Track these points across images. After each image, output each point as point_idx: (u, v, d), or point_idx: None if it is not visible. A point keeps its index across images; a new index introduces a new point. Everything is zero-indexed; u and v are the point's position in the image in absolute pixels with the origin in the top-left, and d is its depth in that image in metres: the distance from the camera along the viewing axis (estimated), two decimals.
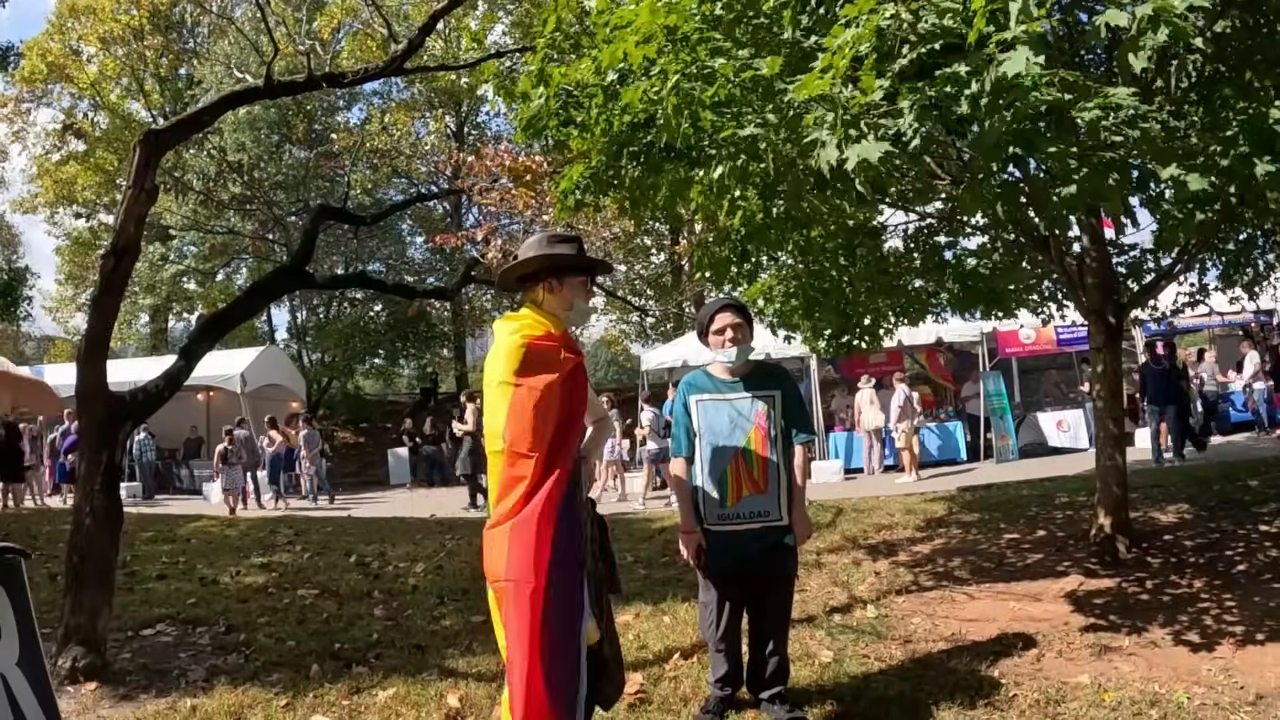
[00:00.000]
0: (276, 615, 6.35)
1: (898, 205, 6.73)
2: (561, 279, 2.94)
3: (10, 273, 15.85)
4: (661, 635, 5.30)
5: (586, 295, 3.03)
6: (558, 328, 2.92)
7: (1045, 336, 14.96)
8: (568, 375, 2.80)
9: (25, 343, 38.73)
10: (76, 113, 28.80)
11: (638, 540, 9.29)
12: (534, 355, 2.79)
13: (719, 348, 3.75)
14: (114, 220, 5.23)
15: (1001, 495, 10.14)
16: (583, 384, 2.90)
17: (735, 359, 3.73)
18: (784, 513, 3.71)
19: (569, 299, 2.96)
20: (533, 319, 2.91)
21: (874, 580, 6.48)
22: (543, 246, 2.99)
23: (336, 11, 27.03)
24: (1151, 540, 6.75)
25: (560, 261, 2.93)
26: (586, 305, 3.04)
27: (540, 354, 2.80)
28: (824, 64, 3.09)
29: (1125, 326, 6.99)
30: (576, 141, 5.11)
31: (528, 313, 2.95)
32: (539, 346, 2.81)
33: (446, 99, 29.14)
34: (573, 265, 2.96)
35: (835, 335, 7.35)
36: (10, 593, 1.67)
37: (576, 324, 3.05)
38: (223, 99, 5.66)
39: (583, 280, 3.01)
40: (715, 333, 3.74)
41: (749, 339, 3.78)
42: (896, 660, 4.58)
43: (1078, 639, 4.74)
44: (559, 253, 2.95)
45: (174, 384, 5.76)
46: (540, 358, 2.79)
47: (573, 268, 2.96)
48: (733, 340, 3.70)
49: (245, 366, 19.34)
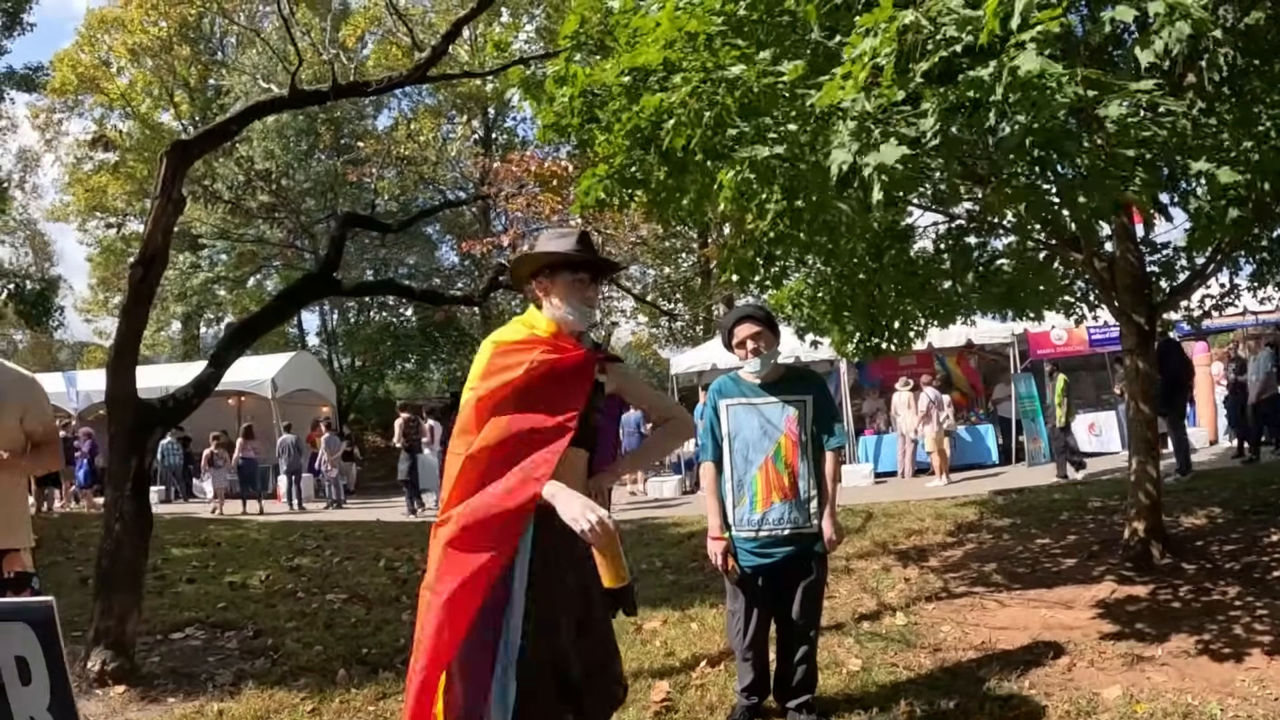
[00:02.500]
0: (305, 620, 6.40)
1: (927, 207, 6.66)
2: (553, 277, 2.76)
3: (43, 282, 16.08)
4: (689, 642, 5.28)
5: (583, 294, 2.76)
6: (551, 329, 2.73)
7: (1077, 337, 14.75)
8: (539, 375, 2.60)
9: (60, 349, 39.42)
10: (107, 123, 29.22)
11: (667, 545, 9.27)
12: (498, 358, 2.66)
13: (744, 359, 3.73)
14: (142, 230, 5.28)
15: (1033, 499, 10.03)
16: (571, 385, 2.66)
17: (760, 369, 3.71)
18: (814, 520, 3.67)
19: (563, 297, 2.75)
20: (521, 322, 2.80)
21: (903, 587, 6.41)
22: (542, 244, 2.87)
23: (361, 20, 27.25)
24: (1184, 545, 6.62)
25: (551, 259, 2.77)
26: (581, 304, 2.75)
27: (505, 355, 2.65)
28: (844, 71, 3.05)
29: (1158, 328, 6.87)
30: (602, 145, 5.08)
31: (527, 314, 2.84)
32: (507, 349, 2.67)
33: (474, 104, 29.28)
34: (564, 263, 2.76)
35: (864, 339, 7.27)
36: (41, 637, 1.67)
37: (578, 325, 2.76)
38: (248, 109, 5.71)
39: (576, 278, 2.75)
40: (738, 345, 3.73)
41: (773, 345, 3.74)
42: (925, 669, 4.52)
43: (1109, 648, 4.65)
44: (549, 250, 2.80)
45: (203, 391, 5.81)
46: (503, 360, 2.64)
47: (565, 265, 2.76)
48: (754, 351, 3.67)
49: (276, 371, 19.52)
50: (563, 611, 2.58)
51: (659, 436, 3.11)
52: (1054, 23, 2.88)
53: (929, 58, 2.99)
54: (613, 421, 2.98)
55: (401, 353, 29.02)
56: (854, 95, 3.05)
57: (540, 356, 2.63)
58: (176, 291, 28.01)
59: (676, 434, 3.08)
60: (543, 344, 2.68)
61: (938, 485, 13.09)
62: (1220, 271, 7.21)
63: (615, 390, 2.89)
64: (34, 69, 16.32)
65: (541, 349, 2.66)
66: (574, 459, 2.68)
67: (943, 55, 2.96)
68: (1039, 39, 2.85)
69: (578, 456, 2.71)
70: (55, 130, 30.99)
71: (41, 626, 1.65)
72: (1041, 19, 2.88)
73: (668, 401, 3.19)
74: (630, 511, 13.27)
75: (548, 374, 2.62)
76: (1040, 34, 2.86)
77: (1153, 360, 6.58)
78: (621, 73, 4.49)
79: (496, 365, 2.64)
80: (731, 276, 6.54)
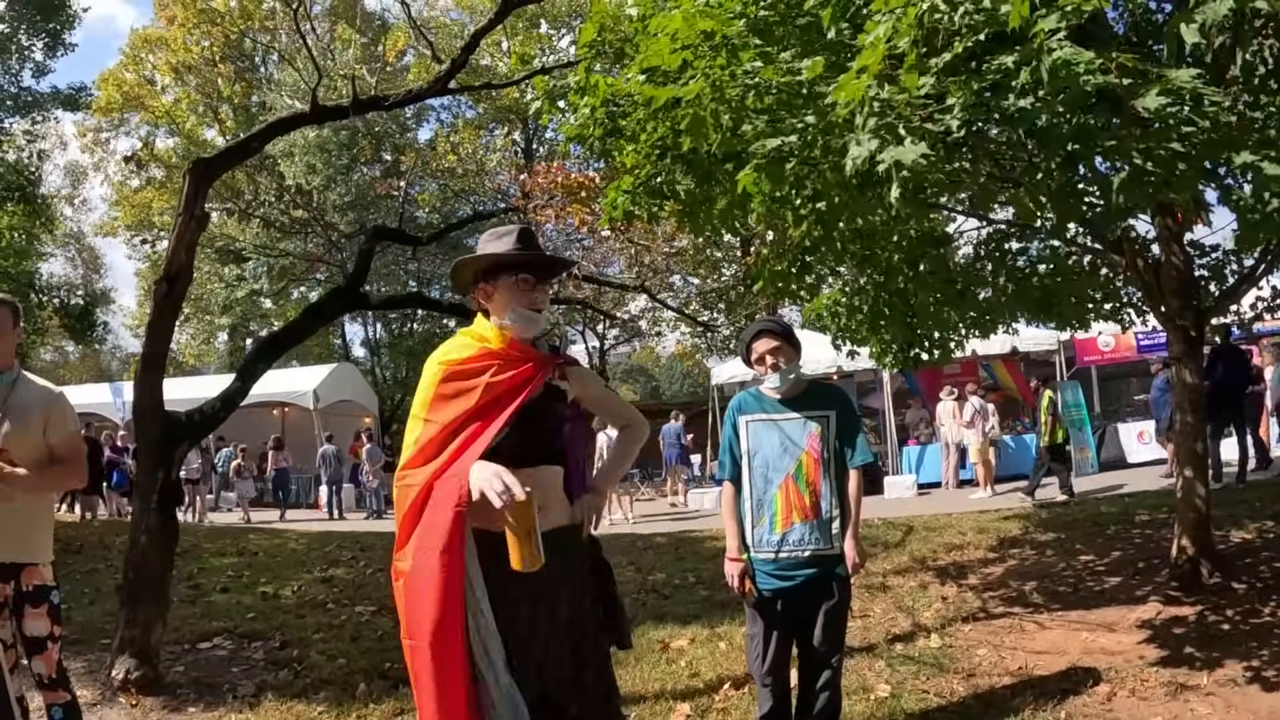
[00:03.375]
0: (331, 631, 6.39)
1: (964, 211, 6.47)
2: (494, 281, 2.54)
3: (87, 297, 16.47)
4: (715, 663, 5.15)
5: (528, 297, 2.52)
6: (501, 340, 2.52)
7: (1125, 343, 14.38)
8: (489, 399, 2.43)
9: (110, 360, 40.41)
10: (153, 140, 29.89)
11: (701, 559, 9.12)
12: (448, 385, 2.47)
13: (761, 375, 3.60)
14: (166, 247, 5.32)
15: (1079, 512, 9.72)
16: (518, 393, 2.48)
17: (780, 384, 3.57)
18: (836, 541, 3.53)
19: (504, 303, 2.52)
20: (469, 336, 2.58)
21: (940, 606, 6.21)
22: (480, 246, 2.64)
23: (401, 35, 27.58)
24: (1234, 563, 6.32)
25: (487, 262, 2.55)
26: (525, 309, 2.52)
27: (456, 380, 2.47)
28: (859, 64, 2.92)
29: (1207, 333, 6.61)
30: (629, 156, 5.00)
31: (475, 324, 2.63)
32: (457, 372, 2.48)
33: (514, 116, 29.47)
34: (505, 264, 2.53)
35: (902, 349, 7.10)
36: None
37: (525, 332, 2.54)
38: (270, 125, 5.72)
39: (517, 280, 2.51)
40: (756, 362, 3.59)
41: (793, 360, 3.60)
42: (958, 696, 4.34)
43: (1152, 675, 4.42)
44: (485, 252, 2.57)
45: (230, 404, 5.84)
46: (455, 386, 2.46)
47: (505, 266, 2.53)
48: (773, 366, 3.54)
49: (318, 383, 19.81)
50: (549, 649, 2.44)
51: (623, 444, 2.95)
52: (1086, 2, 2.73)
53: (952, 48, 2.85)
54: (582, 433, 2.81)
55: None
56: (869, 83, 2.91)
57: (492, 379, 2.46)
58: (221, 304, 28.54)
59: (634, 440, 2.93)
60: (495, 358, 2.50)
61: (982, 497, 12.78)
62: (1271, 273, 6.91)
63: (576, 396, 2.71)
64: (77, 89, 16.69)
65: (495, 366, 2.48)
66: (548, 477, 2.54)
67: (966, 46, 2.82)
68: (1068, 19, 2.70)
69: (552, 474, 2.57)
70: (103, 149, 31.83)
71: None
72: (1070, 1, 2.73)
73: (624, 406, 3.02)
74: (668, 523, 13.15)
75: (500, 396, 2.46)
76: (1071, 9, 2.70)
77: (1201, 369, 6.31)
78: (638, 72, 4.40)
79: (448, 391, 2.47)
80: (766, 286, 6.43)
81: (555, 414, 2.59)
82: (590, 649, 2.57)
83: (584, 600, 2.57)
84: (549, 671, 2.43)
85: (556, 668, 2.44)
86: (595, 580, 2.67)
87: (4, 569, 3.31)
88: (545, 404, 2.56)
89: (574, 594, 2.54)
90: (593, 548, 2.72)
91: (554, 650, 2.45)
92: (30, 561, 3.36)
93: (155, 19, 29.89)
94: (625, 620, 2.76)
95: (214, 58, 29.01)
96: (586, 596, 2.59)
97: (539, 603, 2.45)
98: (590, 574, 2.65)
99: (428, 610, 2.30)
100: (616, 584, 2.78)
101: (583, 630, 2.55)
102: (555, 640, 2.46)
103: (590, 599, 2.60)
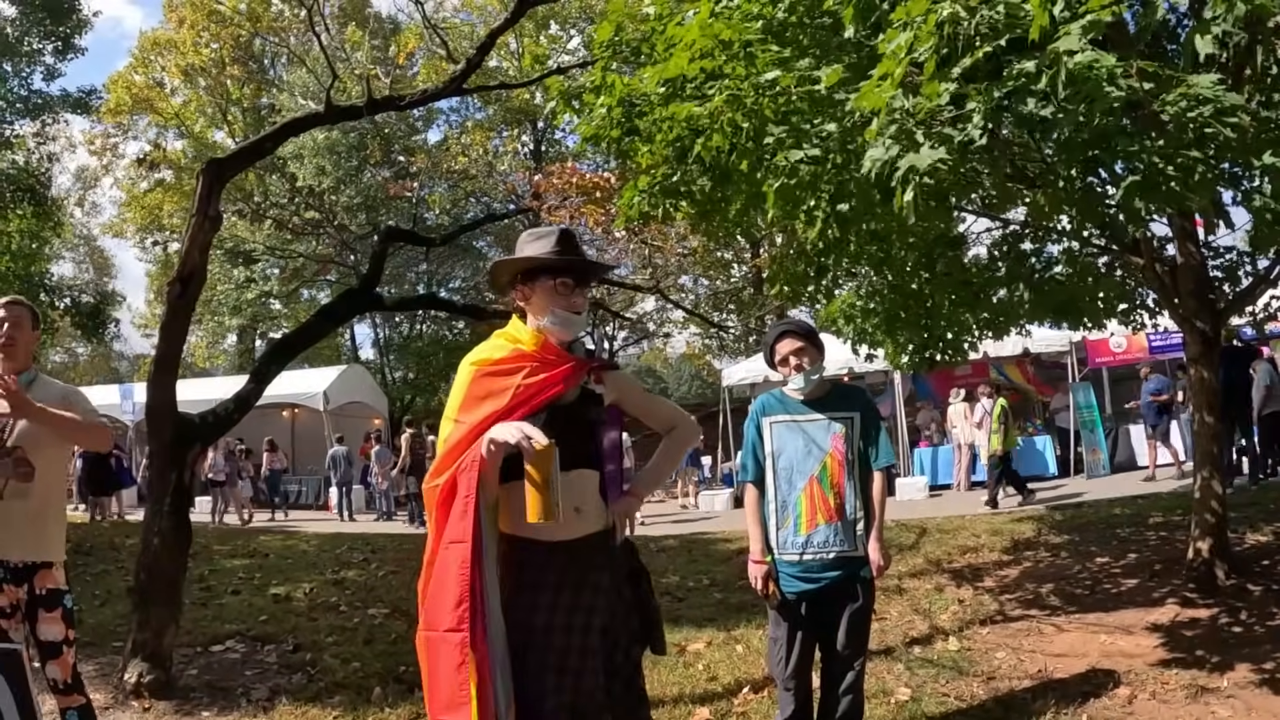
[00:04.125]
0: (345, 635, 6.37)
1: (979, 212, 6.43)
2: (531, 284, 2.52)
3: (98, 296, 16.51)
4: (732, 666, 5.13)
5: (566, 300, 2.50)
6: (535, 342, 2.49)
7: (1137, 345, 14.31)
8: (520, 402, 2.40)
9: (119, 361, 40.54)
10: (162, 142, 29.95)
11: (715, 562, 9.10)
12: (480, 385, 2.44)
13: (785, 376, 3.57)
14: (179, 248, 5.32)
15: (1093, 514, 9.68)
16: None
17: (804, 386, 3.54)
18: (859, 544, 3.49)
19: (543, 305, 2.50)
20: (504, 337, 2.57)
21: (957, 609, 6.18)
22: (519, 247, 2.61)
23: (411, 37, 27.60)
24: (1250, 565, 6.29)
25: (526, 264, 2.53)
26: (564, 312, 2.49)
27: (488, 382, 2.44)
28: (881, 71, 2.89)
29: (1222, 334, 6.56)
30: (644, 156, 4.98)
31: (510, 326, 2.61)
32: (490, 373, 2.46)
33: (523, 118, 29.47)
34: (542, 267, 2.51)
35: (917, 351, 7.06)
36: (11, 684, 1.60)
37: (564, 334, 2.52)
38: (284, 126, 5.72)
39: (556, 283, 2.49)
40: (780, 362, 3.56)
41: (817, 361, 3.57)
42: (978, 699, 4.32)
43: (1172, 678, 4.41)
44: (524, 254, 2.55)
45: (244, 406, 5.83)
46: (485, 387, 2.43)
47: (544, 269, 2.51)
48: (796, 368, 3.51)
49: (328, 385, 19.80)
50: (585, 660, 2.40)
51: (668, 447, 2.88)
52: (1104, 11, 2.69)
53: (972, 53, 2.81)
54: (617, 439, 2.75)
55: (454, 365, 29.16)
56: (892, 93, 2.88)
57: (525, 380, 2.43)
58: (231, 305, 28.58)
59: (683, 441, 2.87)
60: (529, 359, 2.47)
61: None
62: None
63: (614, 402, 2.67)
64: (87, 92, 16.70)
65: (528, 368, 2.45)
66: (582, 480, 2.49)
67: (986, 51, 2.78)
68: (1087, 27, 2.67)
69: (586, 478, 2.51)
70: (112, 154, 31.93)
71: (10, 671, 1.57)
72: (1091, 7, 2.70)
73: (670, 408, 2.96)
74: (678, 526, 13.11)
75: (531, 397, 2.42)
76: (1090, 23, 2.67)
77: (1216, 369, 6.26)
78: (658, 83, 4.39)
79: (480, 391, 2.44)
80: (782, 289, 6.39)
81: (589, 417, 2.55)
82: (621, 659, 2.53)
83: (617, 609, 2.53)
84: (586, 682, 2.39)
85: (591, 679, 2.40)
86: (631, 588, 2.61)
87: (18, 571, 3.31)
88: (579, 407, 2.52)
89: (608, 602, 2.49)
90: (629, 554, 2.66)
91: (590, 662, 2.41)
92: (45, 561, 3.37)
93: (164, 21, 30.03)
94: (660, 628, 2.70)
95: (223, 60, 29.07)
96: (621, 605, 2.54)
97: (574, 612, 2.42)
98: (625, 581, 2.60)
99: (446, 601, 2.28)
100: (654, 591, 2.73)
101: (615, 640, 2.51)
102: (590, 651, 2.42)
103: (625, 607, 2.56)
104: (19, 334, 3.47)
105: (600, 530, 2.53)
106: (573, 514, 2.39)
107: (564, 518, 2.28)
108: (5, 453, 3.32)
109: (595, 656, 2.42)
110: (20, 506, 3.31)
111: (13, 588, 3.30)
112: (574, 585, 2.39)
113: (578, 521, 2.42)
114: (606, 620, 2.48)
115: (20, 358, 3.48)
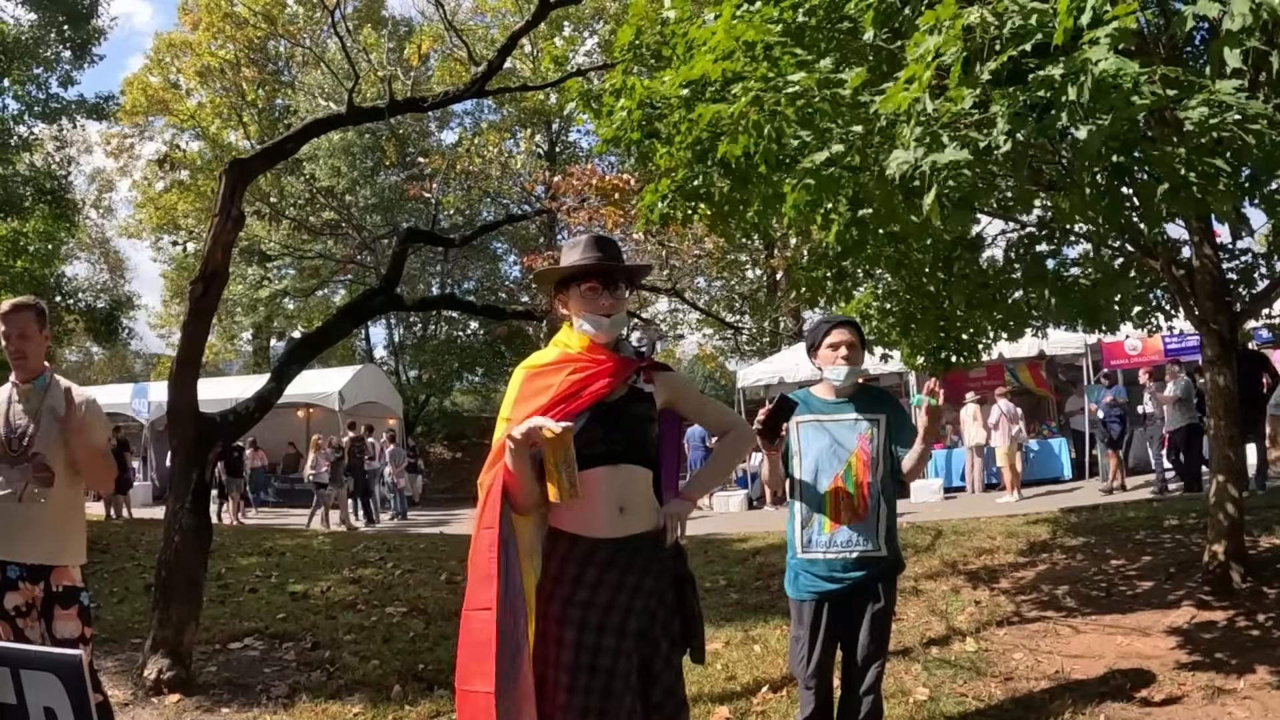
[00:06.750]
0: (363, 633, 6.40)
1: (996, 214, 6.43)
2: (567, 290, 2.62)
3: (112, 302, 16.64)
4: (750, 666, 5.14)
5: (595, 303, 2.56)
6: (579, 344, 2.58)
7: (1152, 347, 14.23)
8: (562, 398, 2.46)
9: (135, 361, 40.78)
10: (178, 143, 30.12)
11: (731, 563, 9.11)
12: (528, 386, 2.54)
13: (830, 364, 3.54)
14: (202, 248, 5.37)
15: (1108, 517, 9.64)
16: None
17: (844, 379, 3.52)
18: (883, 544, 3.50)
19: (577, 310, 2.59)
20: (556, 342, 2.67)
21: (973, 610, 6.18)
22: (562, 257, 2.69)
23: (425, 38, 27.69)
24: (1265, 568, 6.27)
25: (559, 274, 2.64)
26: (594, 314, 2.56)
27: (535, 382, 2.54)
28: (907, 74, 2.91)
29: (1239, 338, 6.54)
30: (664, 158, 5.00)
31: (561, 332, 2.70)
32: (537, 374, 2.55)
33: (537, 119, 29.52)
34: (573, 275, 2.59)
35: (933, 352, 7.06)
36: (69, 690, 1.62)
37: (598, 337, 2.58)
38: (306, 126, 5.76)
39: (584, 288, 2.57)
40: (829, 346, 3.52)
41: (860, 361, 3.58)
42: (996, 700, 4.32)
43: (1189, 679, 4.41)
44: (556, 266, 2.67)
45: (265, 405, 5.87)
46: (535, 384, 2.53)
47: (573, 276, 2.60)
48: (846, 359, 3.50)
49: (343, 384, 19.88)
50: (617, 662, 2.41)
51: (723, 450, 2.93)
52: (1129, 19, 2.71)
53: (997, 57, 2.83)
54: (674, 438, 2.76)
55: (468, 365, 29.32)
56: (918, 95, 2.90)
57: (569, 377, 2.50)
58: (246, 304, 28.72)
59: (739, 445, 2.90)
60: (575, 361, 2.55)
61: (1009, 501, 12.70)
62: None
63: (668, 403, 2.69)
64: (105, 98, 16.80)
65: (573, 367, 2.53)
66: (635, 477, 2.52)
67: (1011, 55, 2.80)
68: (1114, 35, 2.68)
69: (640, 476, 2.54)
70: (128, 156, 32.13)
71: (70, 680, 1.60)
72: (1117, 13, 2.71)
73: (725, 411, 2.97)
74: (694, 526, 13.08)
75: (579, 393, 2.49)
76: (1115, 31, 2.68)
77: (1235, 373, 6.24)
78: (679, 85, 4.41)
79: (529, 390, 2.53)
80: (802, 292, 6.41)
81: (638, 414, 2.57)
82: (661, 665, 2.52)
83: (658, 614, 2.52)
84: (616, 684, 2.39)
85: (622, 682, 2.40)
86: (675, 593, 2.61)
87: (34, 570, 3.32)
88: (627, 404, 2.56)
89: (646, 606, 2.49)
90: (677, 559, 2.65)
91: (622, 665, 2.41)
92: (61, 563, 3.38)
93: (179, 23, 30.24)
94: (701, 637, 2.70)
95: (238, 62, 29.24)
96: (662, 610, 2.54)
97: (610, 611, 2.43)
98: (670, 587, 2.59)
99: (476, 580, 2.39)
100: (699, 598, 2.72)
101: (654, 646, 2.51)
102: (624, 654, 2.42)
103: (666, 613, 2.55)
104: (27, 344, 3.44)
105: (648, 531, 2.53)
106: (616, 513, 2.44)
107: (607, 516, 2.39)
108: (26, 458, 3.35)
109: (628, 659, 2.43)
110: (41, 510, 3.33)
111: (29, 585, 3.32)
112: (613, 585, 2.43)
113: (622, 521, 2.46)
114: (645, 624, 2.49)
115: (32, 366, 3.47)
